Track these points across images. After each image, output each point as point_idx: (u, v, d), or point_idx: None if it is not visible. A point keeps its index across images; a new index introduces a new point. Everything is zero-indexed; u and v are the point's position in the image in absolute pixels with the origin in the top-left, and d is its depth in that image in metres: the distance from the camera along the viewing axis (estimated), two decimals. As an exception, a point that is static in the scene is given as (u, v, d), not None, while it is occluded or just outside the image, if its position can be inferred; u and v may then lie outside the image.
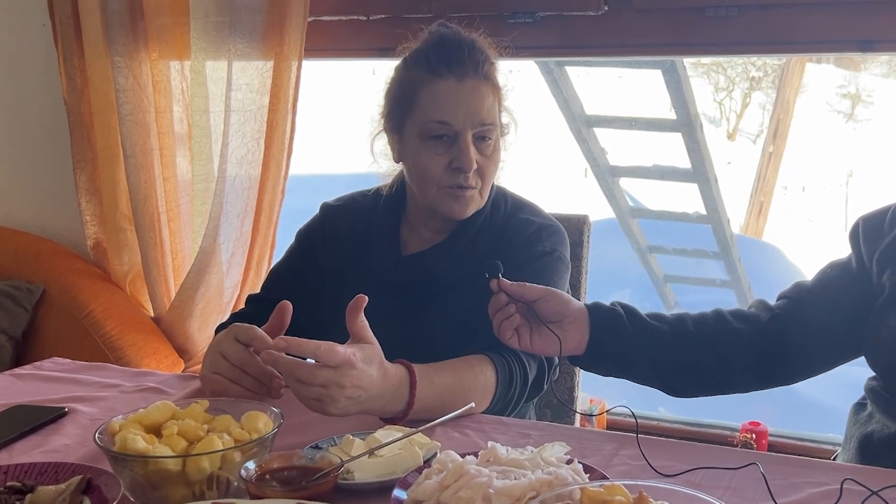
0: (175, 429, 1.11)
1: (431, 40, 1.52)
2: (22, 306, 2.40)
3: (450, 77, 1.47)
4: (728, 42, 2.05)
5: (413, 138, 1.50)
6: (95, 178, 2.50)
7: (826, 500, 1.07)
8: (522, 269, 1.44)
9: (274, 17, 2.18)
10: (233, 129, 2.22)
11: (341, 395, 1.17)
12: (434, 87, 1.47)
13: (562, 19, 2.14)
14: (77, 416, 1.40)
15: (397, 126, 1.54)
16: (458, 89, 1.47)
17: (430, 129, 1.48)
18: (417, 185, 1.54)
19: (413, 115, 1.49)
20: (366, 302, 1.24)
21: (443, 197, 1.51)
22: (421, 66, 1.50)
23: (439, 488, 1.01)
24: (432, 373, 1.31)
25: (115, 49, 2.32)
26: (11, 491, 1.05)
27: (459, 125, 1.47)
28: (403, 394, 1.26)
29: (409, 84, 1.50)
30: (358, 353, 1.19)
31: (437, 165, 1.48)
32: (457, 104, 1.46)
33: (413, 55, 1.53)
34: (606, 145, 4.89)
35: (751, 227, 7.78)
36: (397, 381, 1.24)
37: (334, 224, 1.66)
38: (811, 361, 1.44)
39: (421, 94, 1.48)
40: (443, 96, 1.47)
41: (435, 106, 1.47)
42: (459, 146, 1.47)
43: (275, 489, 1.03)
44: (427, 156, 1.49)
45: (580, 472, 1.04)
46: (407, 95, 1.50)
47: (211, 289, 2.35)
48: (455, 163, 1.48)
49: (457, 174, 1.48)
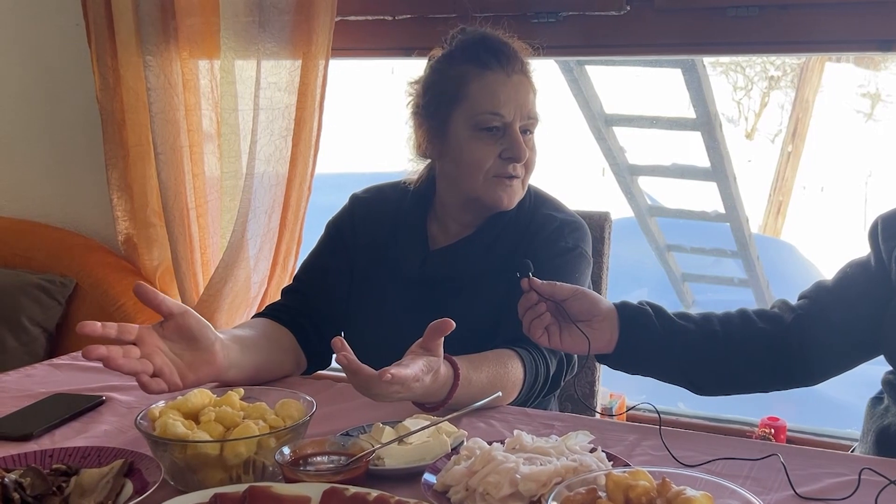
0: (213, 415, 1.14)
1: (475, 38, 1.55)
2: (55, 299, 2.44)
3: (499, 70, 1.51)
4: (748, 42, 2.06)
5: (461, 130, 1.53)
6: (127, 174, 2.52)
7: (844, 489, 1.08)
8: (545, 264, 1.45)
9: (302, 17, 2.20)
10: (261, 127, 2.25)
11: (397, 396, 1.19)
12: (484, 79, 1.51)
13: (584, 19, 2.16)
14: (114, 404, 1.44)
15: (440, 120, 1.56)
16: (507, 82, 1.51)
17: (482, 119, 1.51)
18: (464, 176, 1.56)
19: (462, 107, 1.52)
20: (452, 327, 1.21)
21: (490, 186, 1.54)
22: (469, 60, 1.53)
23: (468, 473, 1.04)
24: (471, 370, 1.32)
25: (146, 48, 2.34)
26: (57, 473, 1.08)
27: (510, 116, 1.51)
28: (445, 390, 1.28)
29: (456, 78, 1.53)
30: (425, 368, 1.20)
31: (487, 155, 1.52)
32: (507, 96, 1.51)
33: (457, 52, 1.56)
34: (625, 144, 4.88)
35: (769, 227, 7.73)
36: (443, 380, 1.26)
37: (363, 215, 1.69)
38: (834, 362, 1.44)
39: (471, 86, 1.51)
40: (494, 88, 1.51)
41: (487, 97, 1.51)
42: (511, 136, 1.51)
43: (309, 473, 1.06)
44: (477, 146, 1.52)
45: (604, 459, 1.06)
46: (454, 88, 1.53)
47: (238, 284, 2.37)
48: (506, 153, 1.51)
49: (506, 164, 1.52)
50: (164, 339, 1.30)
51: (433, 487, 1.06)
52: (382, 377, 1.12)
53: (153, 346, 1.29)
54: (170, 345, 1.31)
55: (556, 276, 1.43)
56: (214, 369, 1.36)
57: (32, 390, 1.49)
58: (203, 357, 1.34)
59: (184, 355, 1.32)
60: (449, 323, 1.21)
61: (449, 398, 1.28)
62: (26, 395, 1.47)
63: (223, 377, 1.39)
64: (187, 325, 1.31)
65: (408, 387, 1.16)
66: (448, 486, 1.05)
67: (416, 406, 1.31)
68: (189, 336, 1.32)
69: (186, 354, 1.32)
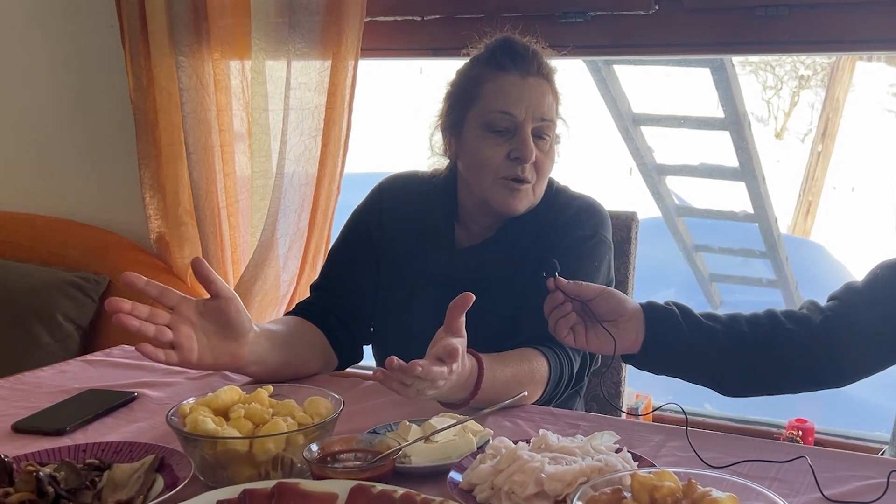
0: (242, 412, 1.16)
1: (496, 42, 1.56)
2: (89, 297, 2.46)
3: (514, 72, 1.51)
4: (778, 41, 2.04)
5: (473, 130, 1.54)
6: (159, 174, 2.54)
7: (872, 492, 1.08)
8: (565, 255, 1.44)
9: (332, 17, 2.21)
10: (291, 127, 2.26)
11: (430, 388, 1.18)
12: (498, 79, 1.52)
13: (612, 19, 2.15)
14: (146, 400, 1.45)
15: (457, 121, 1.57)
16: (520, 83, 1.51)
17: (492, 119, 1.51)
18: (474, 177, 1.56)
19: (475, 108, 1.53)
20: (473, 300, 1.22)
21: (498, 189, 1.53)
22: (485, 62, 1.54)
23: (493, 472, 1.05)
24: (496, 366, 1.33)
25: (179, 49, 2.37)
26: (90, 468, 1.10)
27: (521, 117, 1.50)
28: (470, 384, 1.28)
29: (472, 79, 1.55)
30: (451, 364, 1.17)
31: (496, 155, 1.51)
32: (520, 96, 1.51)
33: (478, 56, 1.57)
34: (653, 143, 4.86)
35: (798, 227, 7.64)
36: (468, 373, 1.26)
37: (391, 210, 1.69)
38: (863, 364, 1.43)
39: (485, 87, 1.52)
40: (506, 88, 1.51)
41: (498, 97, 1.51)
42: (520, 137, 1.50)
43: (336, 470, 1.07)
44: (486, 146, 1.52)
45: (629, 460, 1.07)
46: (469, 90, 1.54)
47: (268, 282, 2.38)
48: (514, 153, 1.51)
49: (514, 165, 1.51)
50: (199, 315, 1.31)
51: (459, 486, 1.07)
52: (413, 370, 1.11)
53: (186, 317, 1.29)
54: (202, 322, 1.32)
55: (578, 265, 1.44)
56: (234, 361, 1.37)
57: (66, 386, 1.52)
58: (229, 347, 1.35)
59: (211, 338, 1.32)
60: (469, 296, 1.21)
61: (475, 392, 1.28)
62: (60, 390, 1.49)
63: (242, 370, 1.40)
64: (227, 311, 1.32)
65: (434, 384, 1.16)
66: (474, 484, 1.06)
67: (442, 405, 1.31)
68: (225, 322, 1.33)
69: (214, 338, 1.33)
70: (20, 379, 1.57)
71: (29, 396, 1.47)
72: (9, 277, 2.51)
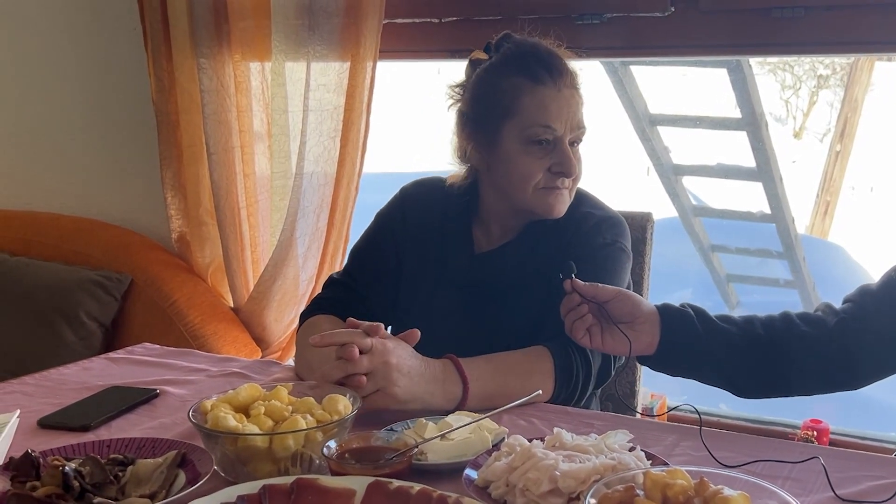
0: (262, 409, 1.17)
1: (525, 49, 1.57)
2: (112, 295, 2.49)
3: (550, 84, 1.52)
4: (793, 43, 2.03)
5: (512, 143, 1.54)
6: (180, 174, 2.56)
7: (885, 492, 1.08)
8: (584, 261, 1.45)
9: (350, 20, 2.22)
10: (310, 128, 2.27)
11: (392, 370, 1.25)
12: (537, 93, 1.52)
13: (628, 20, 2.15)
14: (168, 397, 1.47)
15: (490, 131, 1.57)
16: (557, 96, 1.53)
17: (533, 133, 1.52)
18: (512, 189, 1.57)
19: (513, 121, 1.53)
20: (418, 338, 1.37)
21: (540, 197, 1.55)
22: (520, 72, 1.54)
23: (508, 469, 1.05)
24: (479, 358, 1.37)
25: (200, 51, 2.38)
26: (114, 463, 1.11)
27: (560, 130, 1.52)
28: (455, 376, 1.32)
29: (508, 91, 1.54)
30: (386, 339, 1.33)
31: (537, 169, 1.53)
32: (559, 110, 1.52)
33: (508, 62, 1.57)
34: (670, 144, 4.85)
35: (816, 227, 7.59)
36: (440, 366, 1.32)
37: (413, 212, 1.70)
38: (878, 366, 1.42)
39: (523, 100, 1.52)
40: (546, 102, 1.52)
41: (539, 111, 1.52)
42: (561, 150, 1.53)
43: (354, 467, 1.08)
44: (528, 160, 1.53)
45: (643, 458, 1.07)
46: (506, 102, 1.54)
47: (287, 281, 2.39)
48: (556, 167, 1.53)
49: (556, 178, 1.53)
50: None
51: (474, 483, 1.08)
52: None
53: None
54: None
55: (596, 271, 1.44)
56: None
57: (90, 383, 1.54)
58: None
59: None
60: (416, 334, 1.37)
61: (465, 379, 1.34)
62: (84, 387, 1.52)
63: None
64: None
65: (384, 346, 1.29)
66: (489, 481, 1.07)
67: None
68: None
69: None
70: (45, 376, 1.59)
71: (54, 393, 1.49)
72: (34, 276, 2.54)
